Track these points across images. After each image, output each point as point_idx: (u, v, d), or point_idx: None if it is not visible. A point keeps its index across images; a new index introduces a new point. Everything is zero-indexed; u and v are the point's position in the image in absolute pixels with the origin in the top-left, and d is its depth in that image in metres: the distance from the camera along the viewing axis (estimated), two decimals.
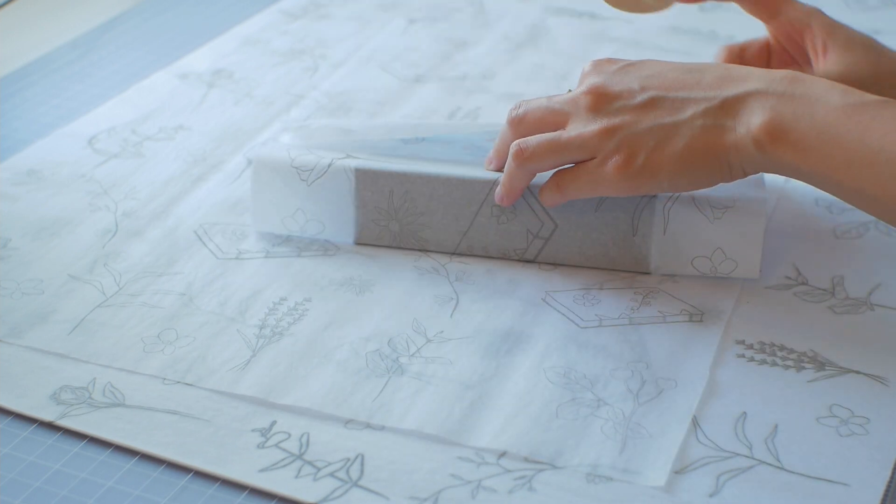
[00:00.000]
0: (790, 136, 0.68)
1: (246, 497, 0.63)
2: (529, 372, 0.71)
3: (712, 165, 0.71)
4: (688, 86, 0.73)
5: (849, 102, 0.68)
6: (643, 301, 0.77)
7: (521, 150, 0.75)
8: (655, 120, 0.72)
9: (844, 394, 0.69)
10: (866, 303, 0.77)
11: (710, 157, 0.71)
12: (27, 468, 0.65)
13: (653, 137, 0.72)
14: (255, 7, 1.18)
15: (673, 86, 0.73)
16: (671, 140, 0.71)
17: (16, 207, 0.86)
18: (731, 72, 0.73)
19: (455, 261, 0.81)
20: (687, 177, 0.72)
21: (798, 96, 0.69)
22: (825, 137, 0.68)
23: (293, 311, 0.76)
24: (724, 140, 0.70)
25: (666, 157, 0.72)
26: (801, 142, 0.68)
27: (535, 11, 1.17)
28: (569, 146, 0.74)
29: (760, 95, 0.70)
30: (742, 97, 0.71)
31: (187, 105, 1.00)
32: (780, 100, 0.69)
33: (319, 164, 0.81)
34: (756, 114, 0.70)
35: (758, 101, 0.70)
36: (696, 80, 0.73)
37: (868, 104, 0.68)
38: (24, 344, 0.73)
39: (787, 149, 0.69)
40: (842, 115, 0.68)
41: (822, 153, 0.68)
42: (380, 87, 1.03)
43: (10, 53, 1.09)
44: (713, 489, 0.63)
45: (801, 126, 0.68)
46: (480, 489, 0.63)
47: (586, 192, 0.75)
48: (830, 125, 0.68)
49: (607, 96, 0.73)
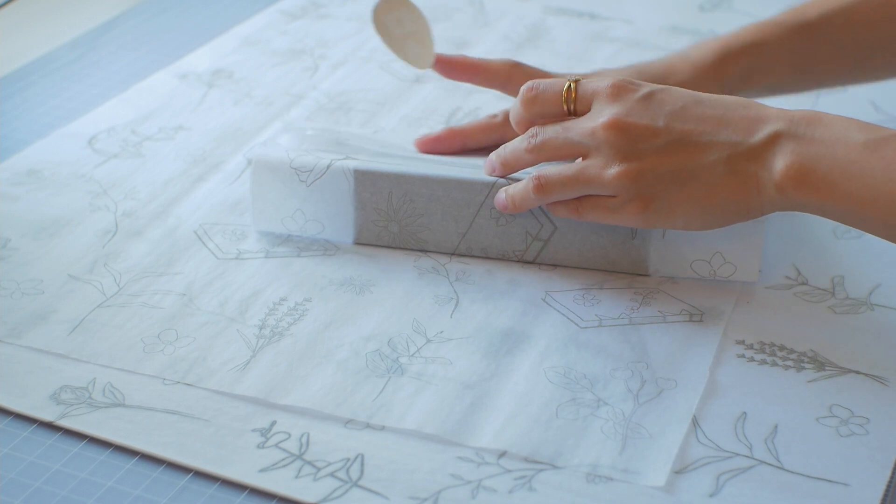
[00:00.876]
0: (812, 178, 0.68)
1: (246, 497, 0.63)
2: (529, 372, 0.71)
3: (731, 209, 0.72)
4: (711, 125, 0.71)
5: (870, 139, 0.68)
6: (643, 301, 0.77)
7: (542, 185, 0.75)
8: (678, 164, 0.71)
9: (844, 394, 0.69)
10: (866, 303, 0.77)
11: (730, 203, 0.71)
12: (27, 468, 0.65)
13: (674, 182, 0.71)
14: (255, 7, 1.18)
15: (697, 127, 0.71)
16: (693, 185, 0.71)
17: (16, 207, 0.86)
18: (754, 111, 0.71)
19: (455, 261, 0.81)
20: (702, 219, 0.72)
21: (818, 138, 0.69)
22: (848, 175, 0.68)
23: (293, 311, 0.76)
24: (747, 186, 0.70)
25: (685, 202, 0.72)
26: (823, 182, 0.68)
27: (535, 11, 1.17)
28: (589, 184, 0.73)
29: (783, 138, 0.70)
30: (766, 143, 0.70)
31: (187, 105, 1.00)
32: (801, 142, 0.69)
33: (319, 165, 0.81)
34: (778, 159, 0.69)
35: (780, 145, 0.70)
36: (719, 118, 0.71)
37: (888, 139, 0.68)
38: (24, 344, 0.73)
39: (809, 191, 0.69)
40: (863, 152, 0.68)
41: (846, 191, 0.68)
42: (380, 87, 1.03)
43: (10, 53, 1.09)
44: (713, 489, 0.63)
45: (823, 167, 0.68)
46: (480, 489, 0.63)
47: (603, 221, 0.75)
48: (853, 163, 0.68)
49: (629, 133, 0.72)
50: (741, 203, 0.71)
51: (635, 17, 1.15)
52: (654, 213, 0.72)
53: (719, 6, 1.17)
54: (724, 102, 0.73)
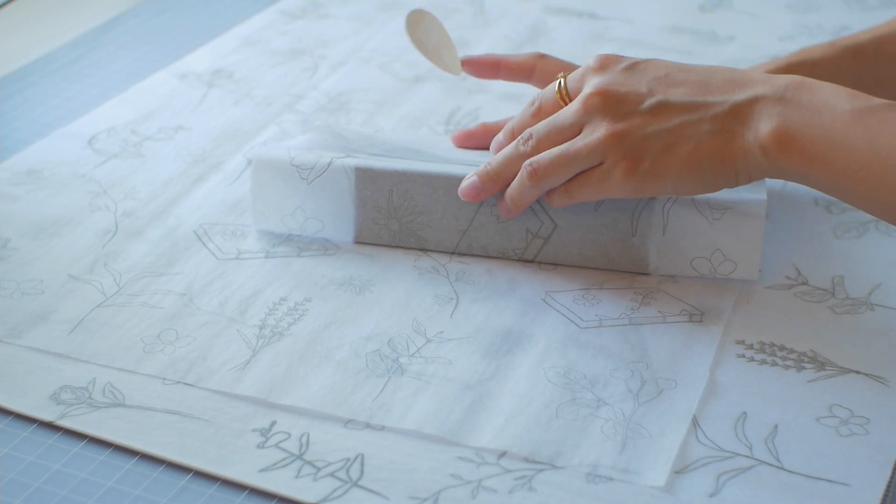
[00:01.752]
0: (798, 142, 0.69)
1: (246, 497, 0.63)
2: (529, 372, 0.71)
3: (719, 170, 0.71)
4: (695, 89, 0.72)
5: (856, 107, 0.68)
6: (643, 301, 0.77)
7: (535, 169, 0.75)
8: (663, 124, 0.72)
9: (844, 394, 0.69)
10: (866, 303, 0.77)
11: (717, 162, 0.71)
12: (27, 468, 0.65)
13: (660, 142, 0.72)
14: (255, 7, 1.18)
15: (680, 89, 0.73)
16: (679, 144, 0.71)
17: (16, 207, 0.86)
18: (738, 76, 0.72)
19: (455, 260, 0.81)
20: (692, 181, 0.72)
21: (805, 103, 0.69)
22: (833, 143, 0.68)
23: (293, 311, 0.76)
24: (733, 145, 0.71)
25: (673, 162, 0.72)
26: (808, 148, 0.68)
27: (535, 11, 1.17)
28: (578, 157, 0.74)
29: (768, 101, 0.70)
30: (750, 102, 0.70)
31: (187, 105, 1.00)
32: (788, 106, 0.69)
33: (319, 163, 0.81)
34: (764, 121, 0.70)
35: (765, 107, 0.70)
36: (703, 83, 0.72)
37: (875, 108, 0.68)
38: (24, 344, 0.73)
39: (794, 155, 0.69)
40: (849, 121, 0.68)
41: (830, 159, 0.68)
42: (380, 87, 1.03)
43: (10, 53, 1.09)
44: (713, 489, 0.63)
45: (809, 132, 0.68)
46: (480, 489, 0.63)
47: (595, 195, 0.75)
48: (838, 131, 0.68)
49: (614, 98, 0.73)
50: (728, 163, 0.71)
51: (635, 17, 1.15)
52: (643, 176, 0.72)
53: (719, 6, 1.17)
54: (710, 69, 0.73)
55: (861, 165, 0.67)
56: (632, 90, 0.73)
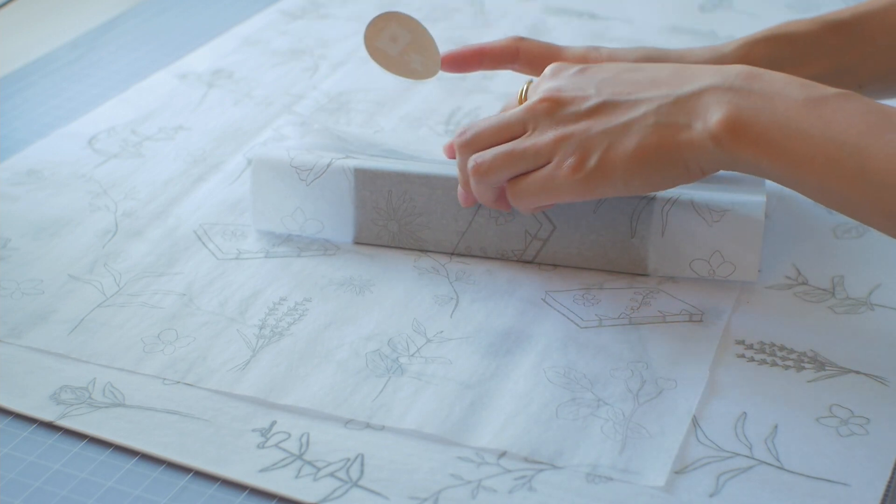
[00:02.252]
0: (751, 131, 0.67)
1: (246, 497, 0.64)
2: (529, 372, 0.71)
3: (667, 164, 0.70)
4: (641, 86, 0.72)
5: (810, 96, 0.67)
6: (643, 301, 0.77)
7: (478, 165, 0.74)
8: (608, 122, 0.71)
9: (844, 394, 0.69)
10: (866, 303, 0.77)
11: (664, 156, 0.70)
12: (27, 468, 0.65)
13: (606, 139, 0.71)
14: (254, 7, 1.18)
15: (626, 87, 0.72)
16: (623, 140, 0.70)
17: (16, 207, 0.86)
18: (685, 70, 0.72)
19: (455, 261, 0.81)
20: (641, 177, 0.71)
21: (756, 91, 0.68)
22: (787, 132, 0.67)
23: (293, 311, 0.76)
24: (679, 138, 0.69)
25: (619, 158, 0.70)
26: (761, 137, 0.67)
27: (535, 11, 1.17)
28: (524, 155, 0.73)
29: (717, 91, 0.69)
30: (697, 93, 0.70)
31: (187, 105, 1.00)
32: (738, 95, 0.68)
33: (318, 164, 0.81)
34: (713, 110, 0.69)
35: (714, 96, 0.69)
36: (649, 79, 0.72)
37: (829, 97, 0.67)
38: (24, 344, 0.73)
39: (747, 144, 0.68)
40: (803, 109, 0.67)
41: (784, 148, 0.67)
42: (380, 87, 1.03)
43: (10, 53, 1.09)
44: (713, 489, 0.63)
45: (762, 121, 0.67)
46: (480, 489, 0.63)
47: (542, 197, 0.73)
48: (792, 119, 0.67)
49: (561, 102, 0.73)
50: (675, 156, 0.70)
51: (635, 16, 1.15)
52: (590, 175, 0.71)
53: (719, 6, 1.17)
54: (661, 67, 0.73)
55: (815, 154, 0.66)
56: (578, 93, 0.73)
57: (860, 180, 0.65)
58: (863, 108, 0.66)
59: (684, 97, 0.70)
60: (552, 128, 0.72)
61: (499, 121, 0.75)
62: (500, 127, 0.75)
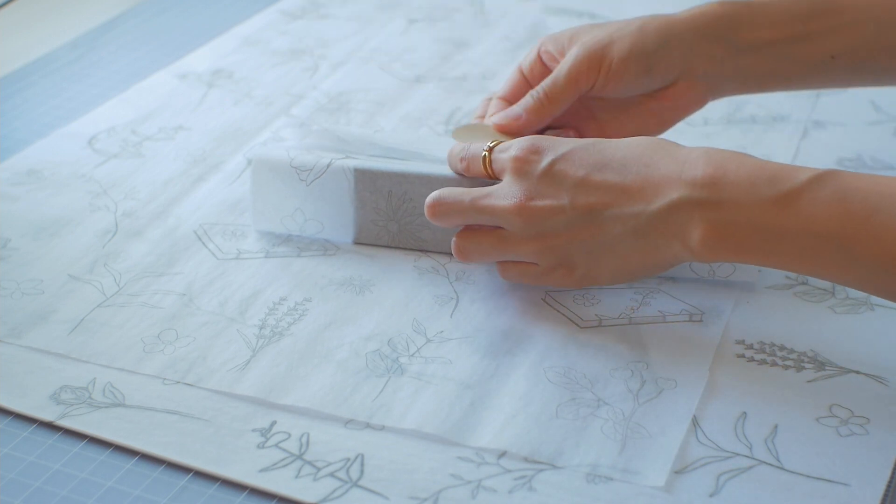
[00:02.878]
0: (729, 243, 0.68)
1: (246, 497, 0.63)
2: (529, 372, 0.71)
3: (651, 268, 0.72)
4: (614, 198, 0.70)
5: (780, 192, 0.66)
6: (643, 301, 0.77)
7: (462, 250, 0.75)
8: (588, 239, 0.71)
9: (844, 394, 0.69)
10: (866, 303, 0.77)
11: (647, 268, 0.72)
12: (27, 468, 0.65)
13: (588, 255, 0.72)
14: (255, 7, 1.18)
15: (600, 199, 0.71)
16: (606, 258, 0.72)
17: (16, 207, 0.86)
18: (656, 173, 0.69)
19: (455, 261, 0.80)
20: (629, 278, 0.74)
21: (726, 200, 0.67)
22: (766, 235, 0.66)
23: (293, 311, 0.76)
24: (660, 256, 0.71)
25: (605, 271, 0.73)
26: (742, 245, 0.67)
27: (535, 11, 1.17)
28: (511, 255, 0.74)
29: (686, 206, 0.68)
30: (668, 209, 0.69)
31: (187, 105, 1.00)
32: (709, 209, 0.67)
33: (318, 164, 0.81)
34: (689, 229, 0.68)
35: (687, 213, 0.68)
36: (621, 188, 0.70)
37: (801, 189, 0.66)
38: (24, 344, 0.73)
39: (729, 253, 0.68)
40: (776, 210, 0.66)
41: (767, 251, 0.67)
42: (380, 87, 1.03)
43: (10, 53, 1.09)
44: (713, 489, 0.63)
45: (739, 232, 0.67)
46: (480, 489, 0.63)
47: (535, 283, 0.76)
48: (769, 223, 0.66)
49: (536, 216, 0.72)
50: (658, 268, 0.72)
51: (635, 17, 1.15)
52: (581, 280, 0.74)
53: None
54: (625, 164, 0.71)
55: (801, 251, 0.66)
56: (553, 204, 0.71)
57: (852, 267, 0.66)
58: (838, 193, 0.65)
59: (656, 215, 0.69)
60: (532, 236, 0.72)
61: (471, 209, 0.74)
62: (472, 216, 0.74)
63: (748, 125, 0.97)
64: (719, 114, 0.98)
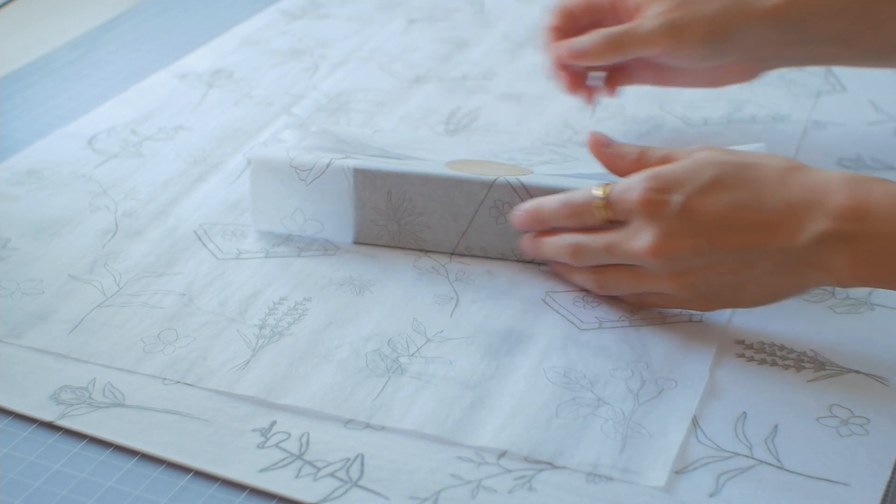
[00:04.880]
0: (879, 274, 0.68)
1: (246, 497, 0.64)
2: (529, 372, 0.71)
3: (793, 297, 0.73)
4: (755, 236, 0.69)
5: None
6: None
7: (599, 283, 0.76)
8: (730, 276, 0.71)
9: (844, 394, 0.69)
10: (866, 303, 0.77)
11: (790, 295, 0.72)
12: (27, 468, 0.65)
13: (731, 289, 0.72)
14: (255, 7, 1.18)
15: (741, 238, 0.69)
16: (748, 289, 0.71)
17: (16, 207, 0.86)
18: (797, 207, 0.68)
19: (455, 261, 0.81)
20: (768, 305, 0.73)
21: (873, 235, 0.67)
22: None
23: (293, 310, 0.76)
24: (803, 284, 0.71)
25: (744, 300, 0.73)
26: (891, 276, 0.68)
27: (535, 11, 1.17)
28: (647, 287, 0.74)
29: (832, 238, 0.67)
30: (814, 243, 0.68)
31: (187, 105, 1.00)
32: (855, 242, 0.67)
33: (318, 164, 0.81)
34: (836, 260, 0.68)
35: (830, 245, 0.67)
36: (761, 225, 0.69)
37: None
38: (24, 344, 0.73)
39: (876, 282, 0.69)
40: None
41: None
42: (380, 87, 1.03)
43: (10, 53, 1.09)
44: (713, 489, 0.63)
45: (886, 263, 0.67)
46: (480, 489, 0.63)
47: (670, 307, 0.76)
48: None
49: (675, 255, 0.71)
50: (802, 290, 0.72)
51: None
52: (719, 308, 0.74)
53: None
54: (761, 194, 0.69)
55: None
56: (692, 243, 0.70)
57: None
58: None
59: (801, 251, 0.68)
60: (672, 274, 0.72)
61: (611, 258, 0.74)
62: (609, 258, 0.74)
63: (748, 125, 0.97)
64: (719, 114, 0.98)
